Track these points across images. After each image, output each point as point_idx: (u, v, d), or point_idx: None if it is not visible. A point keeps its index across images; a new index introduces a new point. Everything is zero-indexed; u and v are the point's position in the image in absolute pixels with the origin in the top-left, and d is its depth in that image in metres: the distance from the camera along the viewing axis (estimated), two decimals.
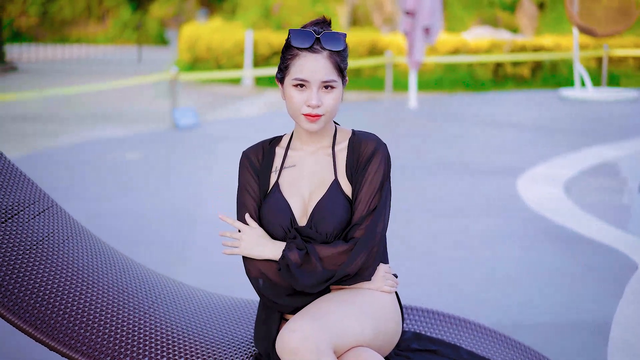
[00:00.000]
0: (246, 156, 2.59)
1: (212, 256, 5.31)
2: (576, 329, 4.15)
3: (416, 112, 12.96)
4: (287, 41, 2.46)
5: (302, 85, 2.43)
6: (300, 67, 2.42)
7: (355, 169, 2.51)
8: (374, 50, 18.00)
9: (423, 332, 3.03)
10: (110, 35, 37.07)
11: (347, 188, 2.51)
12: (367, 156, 2.50)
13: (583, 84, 15.45)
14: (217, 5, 35.92)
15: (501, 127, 11.29)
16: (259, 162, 2.58)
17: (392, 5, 24.98)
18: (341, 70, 2.46)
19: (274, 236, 2.51)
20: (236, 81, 18.08)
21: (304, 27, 2.48)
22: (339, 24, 27.39)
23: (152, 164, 8.70)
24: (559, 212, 6.49)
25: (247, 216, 2.53)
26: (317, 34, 2.42)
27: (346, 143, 2.56)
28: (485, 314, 4.35)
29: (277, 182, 2.53)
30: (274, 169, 2.57)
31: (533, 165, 8.39)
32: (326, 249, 2.44)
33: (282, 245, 2.47)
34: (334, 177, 2.51)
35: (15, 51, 25.55)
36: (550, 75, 17.81)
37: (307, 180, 2.53)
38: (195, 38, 20.37)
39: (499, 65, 17.72)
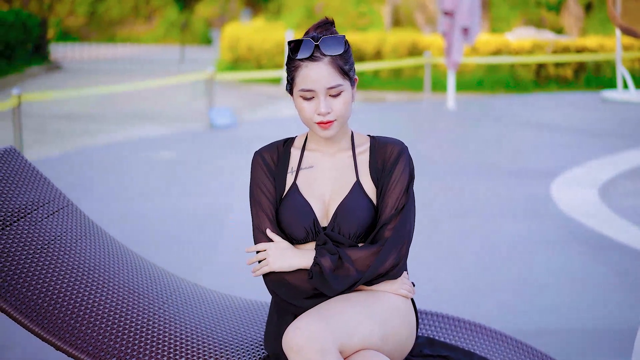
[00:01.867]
0: (260, 155, 2.57)
1: (236, 257, 5.31)
2: (602, 336, 4.07)
3: (454, 113, 12.86)
4: (289, 53, 2.45)
5: (309, 96, 2.43)
6: (304, 77, 2.41)
7: (380, 171, 2.51)
8: (415, 51, 17.91)
9: (437, 338, 2.99)
10: (157, 34, 37.46)
11: (369, 190, 2.51)
12: (393, 159, 2.51)
13: (626, 85, 15.20)
14: (262, 5, 36.07)
15: (539, 129, 11.16)
16: (273, 162, 2.57)
17: (434, 5, 24.87)
18: (346, 73, 2.44)
19: (295, 237, 2.50)
20: (276, 81, 18.12)
21: (306, 33, 2.48)
22: (383, 24, 27.34)
23: (185, 164, 8.74)
24: (592, 216, 6.38)
25: (268, 231, 2.51)
26: (316, 41, 2.41)
27: (367, 146, 2.57)
28: (509, 319, 4.29)
29: (294, 184, 2.52)
30: (289, 169, 2.55)
31: (569, 168, 8.26)
32: (357, 251, 2.44)
33: (310, 252, 2.46)
34: (355, 179, 2.51)
35: (60, 50, 25.89)
36: (593, 76, 17.56)
37: (327, 181, 2.52)
38: (237, 38, 20.48)
39: (541, 66, 17.52)
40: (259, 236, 2.54)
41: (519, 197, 7.11)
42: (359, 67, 16.06)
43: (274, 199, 2.54)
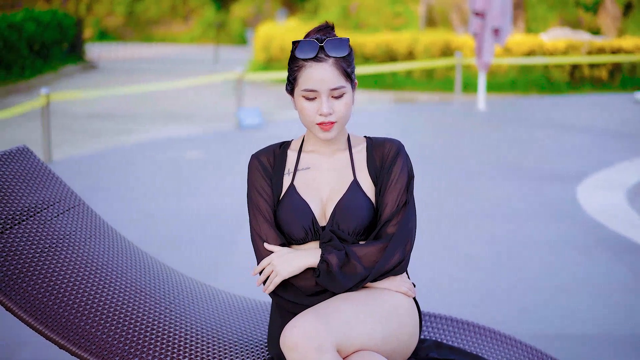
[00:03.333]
0: (256, 158, 2.58)
1: (253, 258, 5.31)
2: (622, 343, 3.99)
3: (484, 114, 12.77)
4: (292, 53, 2.46)
5: (311, 96, 2.43)
6: (307, 77, 2.42)
7: (379, 169, 2.53)
8: (448, 51, 17.82)
9: (445, 341, 2.96)
10: (194, 34, 37.65)
11: (367, 188, 2.52)
12: (391, 157, 2.53)
13: None
14: (298, 5, 36.11)
15: (569, 131, 11.04)
16: (270, 165, 2.58)
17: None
18: (348, 75, 2.45)
19: (294, 237, 2.50)
20: None
21: (307, 35, 2.49)
22: (418, 24, 27.24)
23: (210, 164, 8.77)
24: (618, 219, 6.30)
25: (266, 245, 2.51)
26: (321, 42, 2.42)
27: (364, 145, 2.58)
28: (526, 323, 4.24)
29: (292, 184, 2.53)
30: (286, 171, 2.56)
31: (596, 170, 8.16)
32: (363, 247, 2.45)
33: (315, 251, 2.46)
34: (353, 178, 2.52)
35: (96, 50, 26.13)
36: (629, 77, 17.34)
37: (324, 181, 2.53)
38: (270, 38, 20.52)
39: (575, 67, 17.33)
40: (257, 240, 2.54)
41: (544, 199, 7.04)
42: (391, 67, 16.01)
43: (272, 201, 2.55)
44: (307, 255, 2.45)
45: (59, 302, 2.54)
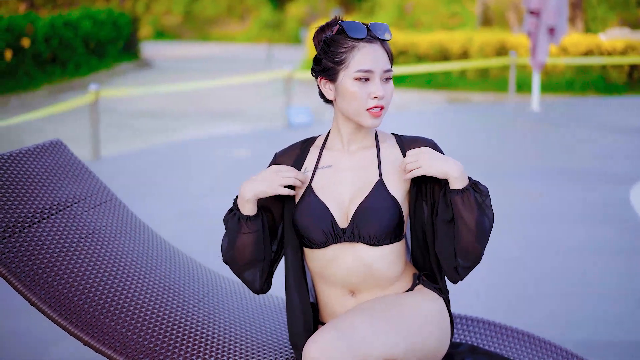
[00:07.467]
0: (275, 159, 2.49)
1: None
2: None
3: (538, 115, 12.55)
4: (339, 34, 2.31)
5: (366, 77, 2.29)
6: (362, 58, 2.28)
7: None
8: (502, 51, 17.59)
9: (481, 345, 2.87)
10: (250, 34, 37.88)
11: (394, 188, 2.36)
12: None
13: None
14: (355, 5, 36.09)
15: (624, 133, 10.79)
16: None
17: None
18: (392, 60, 2.36)
19: (314, 241, 2.37)
20: None
21: (322, 29, 2.38)
22: (474, 24, 27.00)
23: (257, 162, 8.74)
24: None
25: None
26: (365, 25, 2.33)
27: (393, 142, 2.43)
28: (569, 328, 4.12)
29: (310, 185, 2.40)
30: (303, 170, 2.44)
31: None
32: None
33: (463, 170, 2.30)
34: (378, 177, 2.37)
35: (152, 48, 26.40)
36: None
37: (347, 180, 2.39)
38: None
39: (634, 68, 16.97)
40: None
41: (596, 202, 6.87)
42: (444, 66, 15.86)
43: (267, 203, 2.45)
44: (457, 168, 2.27)
45: (84, 298, 2.50)
